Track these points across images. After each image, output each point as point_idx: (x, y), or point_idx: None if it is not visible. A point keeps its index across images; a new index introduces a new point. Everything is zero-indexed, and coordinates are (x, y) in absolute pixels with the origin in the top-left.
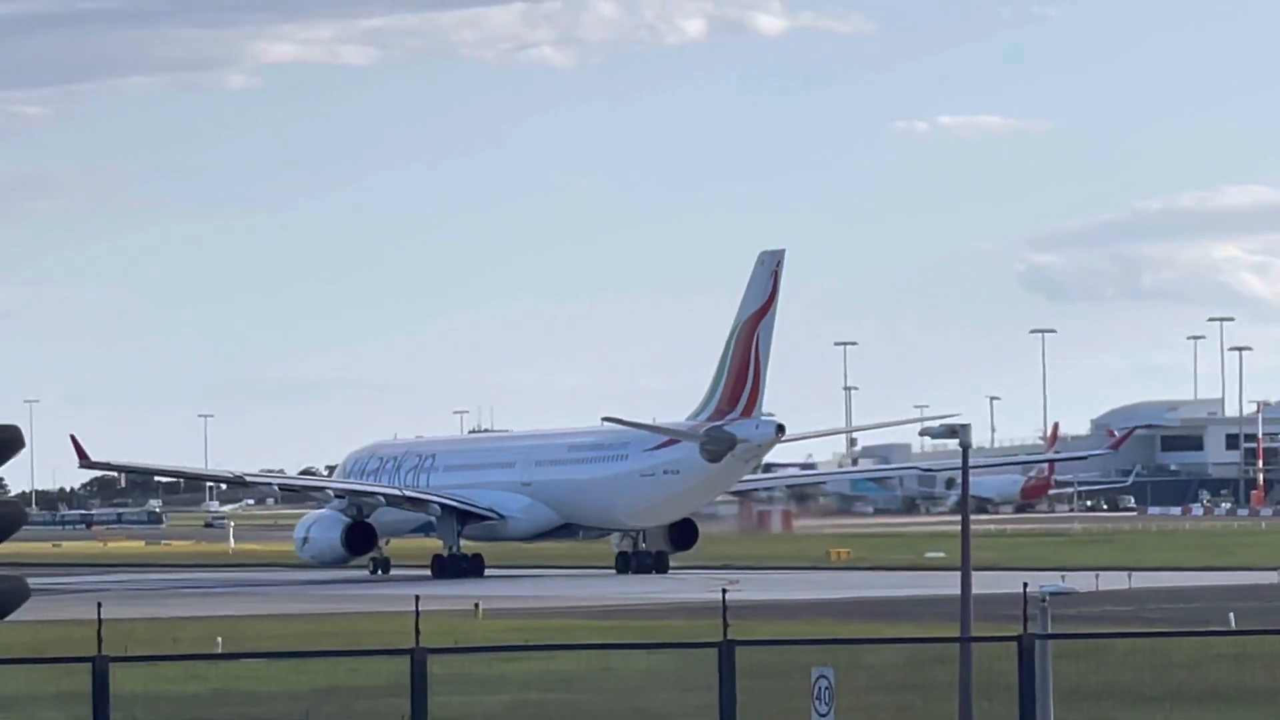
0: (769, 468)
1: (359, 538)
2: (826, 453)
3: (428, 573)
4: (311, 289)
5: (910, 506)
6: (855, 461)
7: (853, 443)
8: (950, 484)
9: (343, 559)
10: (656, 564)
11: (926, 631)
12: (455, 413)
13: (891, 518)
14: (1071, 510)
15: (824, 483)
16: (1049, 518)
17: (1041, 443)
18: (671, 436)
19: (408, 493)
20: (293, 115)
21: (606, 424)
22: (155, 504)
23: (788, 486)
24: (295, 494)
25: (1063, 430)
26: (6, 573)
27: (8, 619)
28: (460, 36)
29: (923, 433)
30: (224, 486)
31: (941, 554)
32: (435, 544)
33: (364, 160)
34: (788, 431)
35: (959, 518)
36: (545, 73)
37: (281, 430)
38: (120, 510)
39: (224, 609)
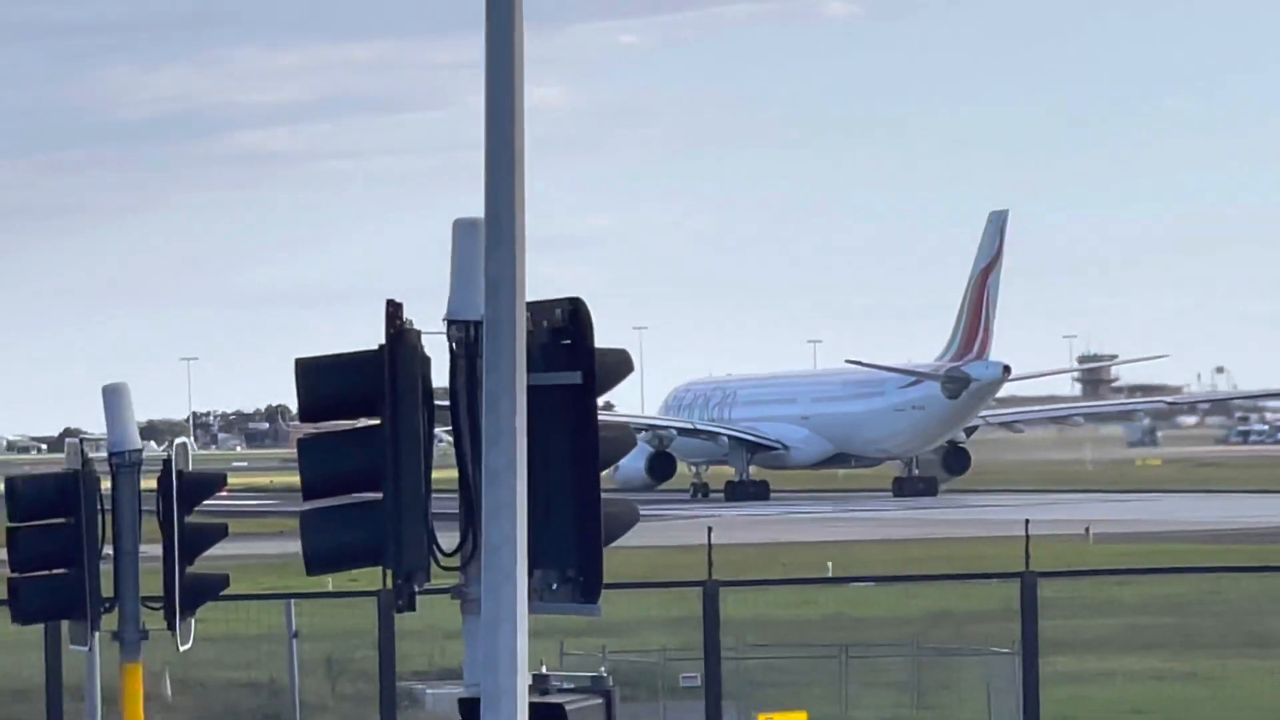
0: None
1: (661, 466)
2: None
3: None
4: (907, 208)
5: None
6: None
7: None
8: None
9: (648, 485)
10: (926, 488)
11: None
12: (1064, 337)
13: None
14: None
15: (1071, 415)
16: None
17: None
18: (917, 377)
19: (699, 425)
20: (889, 41)
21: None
22: None
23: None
24: None
25: None
26: (616, 496)
27: (616, 544)
28: None
29: None
30: None
31: None
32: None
33: (963, 84)
34: (1014, 371)
35: None
36: None
37: (892, 353)
38: None
39: (833, 534)
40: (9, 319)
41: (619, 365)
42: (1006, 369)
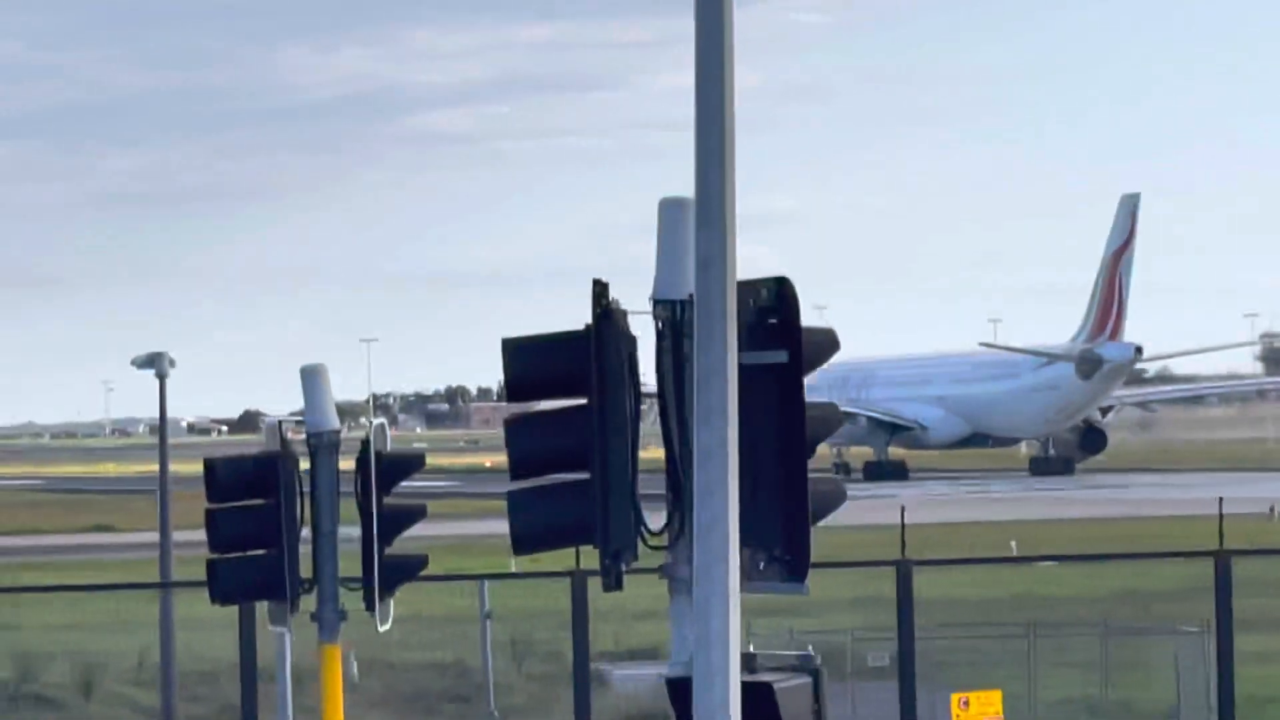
0: None
1: None
2: None
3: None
4: (1088, 187)
5: None
6: None
7: None
8: None
9: None
10: (1063, 467)
11: None
12: (1245, 315)
13: None
14: None
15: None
16: None
17: None
18: (1050, 358)
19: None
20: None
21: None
22: None
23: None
24: None
25: None
26: (823, 475)
27: (822, 523)
28: None
29: None
30: None
31: None
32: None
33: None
34: (1145, 353)
35: None
36: None
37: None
38: None
39: (1017, 513)
40: (187, 301)
41: (825, 344)
42: (1138, 350)
